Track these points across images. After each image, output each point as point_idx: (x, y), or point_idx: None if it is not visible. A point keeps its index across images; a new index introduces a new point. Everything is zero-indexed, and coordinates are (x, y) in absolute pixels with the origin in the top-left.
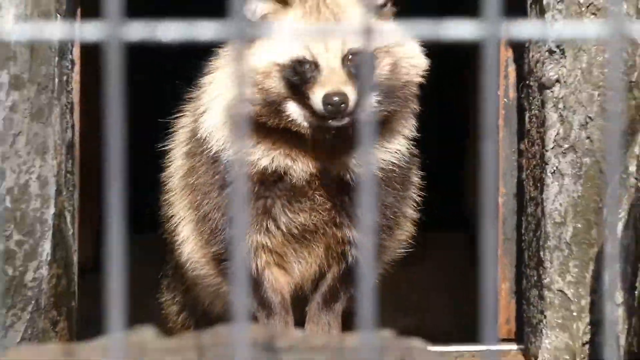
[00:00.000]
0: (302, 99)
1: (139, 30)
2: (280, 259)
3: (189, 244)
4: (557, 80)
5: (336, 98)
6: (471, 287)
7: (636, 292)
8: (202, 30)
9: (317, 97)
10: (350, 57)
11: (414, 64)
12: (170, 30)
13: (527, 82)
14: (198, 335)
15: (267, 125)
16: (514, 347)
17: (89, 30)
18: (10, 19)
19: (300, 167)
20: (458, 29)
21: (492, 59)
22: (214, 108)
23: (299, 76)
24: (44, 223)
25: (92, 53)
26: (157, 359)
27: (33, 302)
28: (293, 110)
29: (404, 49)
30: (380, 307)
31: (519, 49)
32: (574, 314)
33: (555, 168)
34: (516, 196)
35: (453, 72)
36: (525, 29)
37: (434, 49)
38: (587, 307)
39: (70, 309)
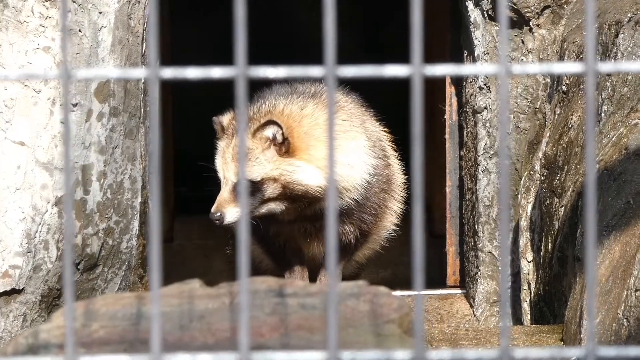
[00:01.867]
0: None
1: (171, 72)
2: (295, 242)
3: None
4: (485, 107)
5: (214, 215)
6: (430, 249)
7: (541, 253)
8: (214, 72)
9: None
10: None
11: (305, 184)
12: (193, 72)
13: (465, 108)
14: (231, 285)
15: None
16: (458, 291)
17: (139, 72)
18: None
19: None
20: (394, 70)
21: (417, 91)
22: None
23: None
24: (133, 208)
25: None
26: (202, 302)
27: (126, 263)
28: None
29: (295, 176)
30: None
31: (459, 86)
32: (499, 268)
33: (484, 167)
34: (458, 187)
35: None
36: (440, 69)
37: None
38: (508, 263)
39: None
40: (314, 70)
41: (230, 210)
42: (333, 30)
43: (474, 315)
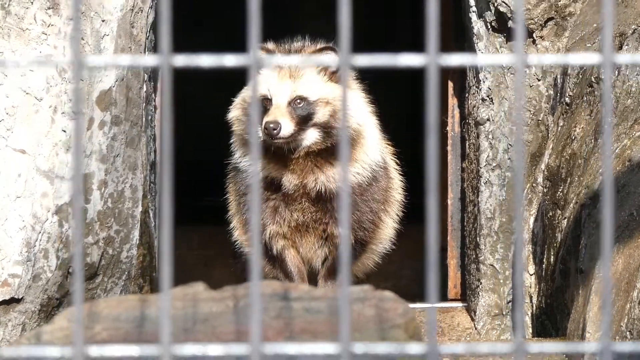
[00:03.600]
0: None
1: (183, 59)
2: (293, 242)
3: (236, 231)
4: (488, 119)
5: (271, 125)
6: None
7: (543, 265)
8: (227, 60)
9: (263, 122)
10: (297, 100)
11: (352, 115)
12: (206, 60)
13: (467, 120)
14: (235, 288)
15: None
16: (460, 304)
17: (151, 60)
18: (113, 76)
19: (288, 179)
20: (408, 59)
21: (433, 80)
22: (234, 129)
23: (263, 107)
24: (134, 218)
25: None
26: (206, 305)
27: (126, 272)
28: (259, 129)
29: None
30: (368, 277)
31: (461, 98)
32: (501, 281)
33: (487, 180)
34: (460, 200)
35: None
36: (455, 59)
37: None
38: (510, 276)
39: (152, 277)
40: (328, 58)
41: (287, 122)
42: (348, 19)
43: (475, 329)
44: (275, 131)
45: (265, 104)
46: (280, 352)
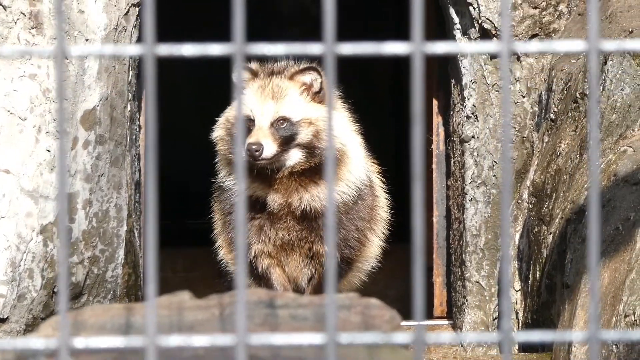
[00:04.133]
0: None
1: (166, 49)
2: (278, 261)
3: (222, 250)
4: (473, 137)
5: (253, 146)
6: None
7: (529, 281)
8: (212, 49)
9: (246, 143)
10: (280, 121)
11: (335, 135)
12: (189, 49)
13: (452, 138)
14: (220, 297)
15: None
16: (446, 322)
17: (134, 49)
18: (97, 96)
19: (272, 198)
20: (393, 47)
21: (418, 69)
22: (219, 149)
23: (246, 127)
24: (119, 237)
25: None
26: (191, 313)
27: (111, 292)
28: (242, 149)
29: (327, 124)
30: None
31: (446, 116)
32: (487, 298)
33: (472, 197)
34: (446, 217)
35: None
36: (441, 47)
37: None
38: (495, 293)
39: (137, 297)
40: (313, 48)
41: (269, 143)
42: (333, 8)
43: (461, 346)
44: (257, 153)
45: (249, 124)
46: (265, 342)
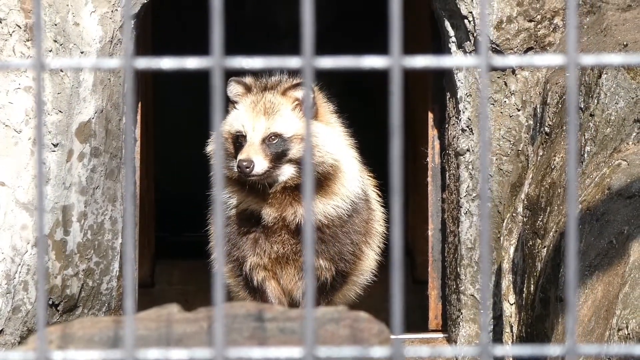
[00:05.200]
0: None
1: (145, 62)
2: (273, 274)
3: (217, 263)
4: (468, 150)
5: (244, 163)
6: (411, 294)
7: (524, 295)
8: (189, 63)
9: (237, 159)
10: (272, 137)
11: (328, 150)
12: (167, 62)
13: (447, 151)
14: (209, 309)
15: (232, 178)
16: (440, 335)
17: (113, 62)
18: (92, 108)
19: (267, 212)
20: (372, 61)
21: (396, 83)
22: (213, 162)
23: (238, 143)
24: (114, 249)
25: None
26: (180, 326)
27: (106, 304)
28: (234, 165)
29: (320, 139)
30: (349, 308)
31: (441, 129)
32: (481, 311)
33: (467, 210)
34: (441, 230)
35: None
36: (419, 60)
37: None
38: (491, 306)
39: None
40: (292, 61)
41: (260, 160)
42: (311, 21)
43: (456, 359)
44: (248, 169)
45: (241, 140)
46: (244, 356)
